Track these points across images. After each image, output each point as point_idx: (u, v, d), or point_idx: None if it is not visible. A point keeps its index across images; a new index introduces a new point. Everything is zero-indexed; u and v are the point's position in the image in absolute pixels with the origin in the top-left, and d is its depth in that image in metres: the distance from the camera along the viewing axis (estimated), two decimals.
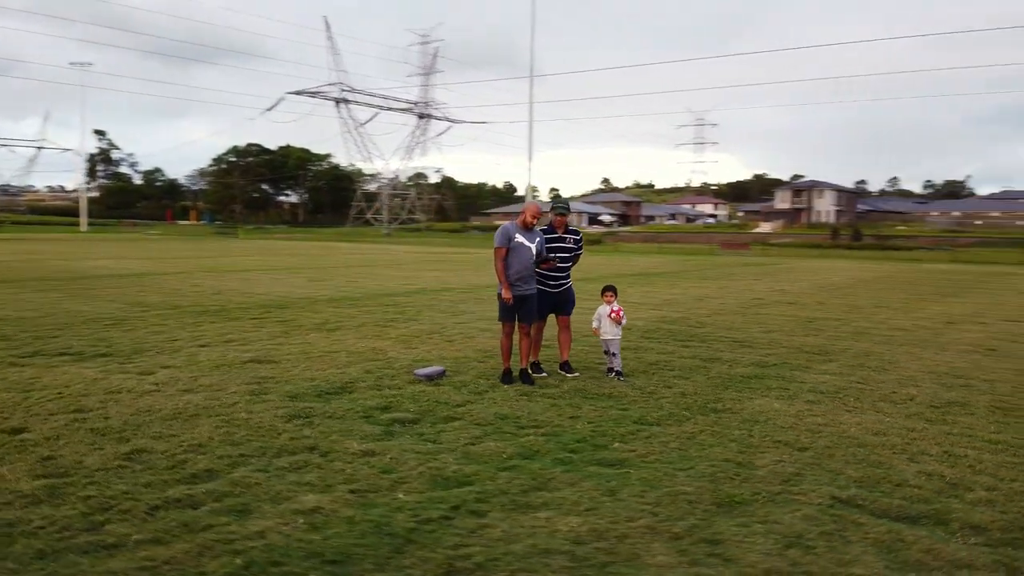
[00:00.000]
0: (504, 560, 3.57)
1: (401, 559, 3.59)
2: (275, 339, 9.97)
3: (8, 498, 4.29)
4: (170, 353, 8.84)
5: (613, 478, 4.72)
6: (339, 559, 3.60)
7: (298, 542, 3.77)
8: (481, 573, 3.46)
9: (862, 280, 23.08)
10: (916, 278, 24.43)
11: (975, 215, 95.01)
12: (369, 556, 3.62)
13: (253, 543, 3.75)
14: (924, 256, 41.36)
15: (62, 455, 5.04)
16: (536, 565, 3.52)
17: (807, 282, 21.96)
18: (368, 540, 3.79)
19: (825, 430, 5.90)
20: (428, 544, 3.75)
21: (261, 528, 3.93)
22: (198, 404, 6.44)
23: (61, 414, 6.07)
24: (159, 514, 4.12)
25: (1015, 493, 4.53)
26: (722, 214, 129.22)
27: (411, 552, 3.66)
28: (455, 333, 10.68)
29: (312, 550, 3.68)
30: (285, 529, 3.93)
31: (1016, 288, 20.85)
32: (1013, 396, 7.21)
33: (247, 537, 3.83)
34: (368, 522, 4.02)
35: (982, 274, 26.97)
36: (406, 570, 3.49)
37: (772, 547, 3.74)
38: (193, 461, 4.98)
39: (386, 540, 3.80)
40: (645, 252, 44.08)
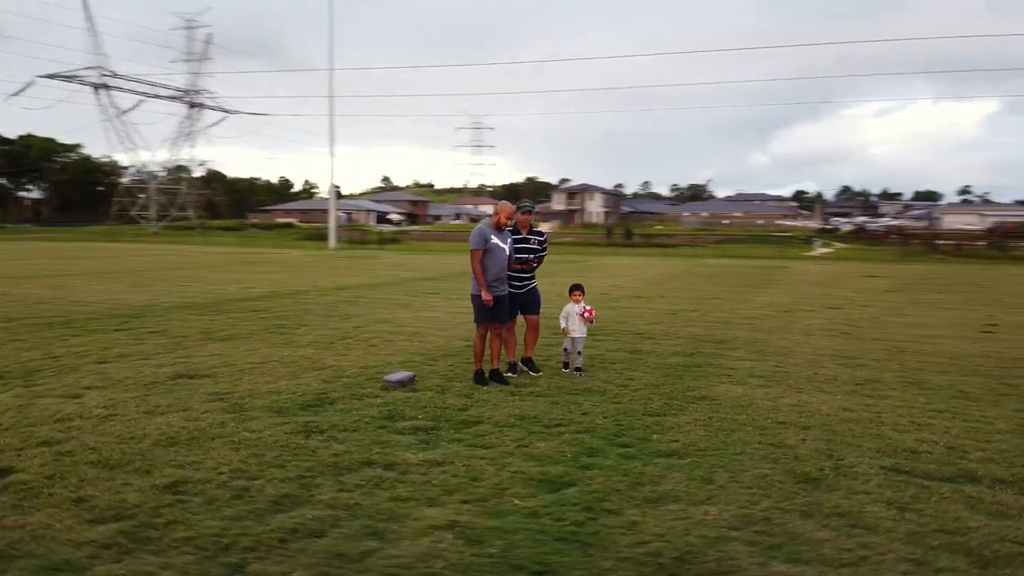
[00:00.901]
0: (696, 550, 3.72)
1: (600, 561, 3.61)
2: (175, 352, 9.04)
3: (87, 551, 3.67)
4: (72, 372, 7.74)
5: (691, 467, 4.99)
6: (542, 569, 3.53)
7: (479, 557, 3.64)
8: (688, 566, 3.58)
9: (671, 275, 25.24)
10: (711, 272, 27.14)
11: (720, 215, 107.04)
12: (566, 562, 3.60)
13: (434, 565, 3.57)
14: (694, 252, 45.87)
15: (93, 495, 4.36)
16: (729, 552, 3.71)
17: (629, 277, 23.62)
18: (553, 547, 3.75)
19: (804, 410, 6.61)
20: (608, 545, 3.79)
21: (421, 549, 3.73)
22: (183, 426, 5.78)
23: (31, 448, 5.18)
24: (292, 546, 3.75)
25: (1002, 452, 5.44)
26: None
27: (601, 554, 3.69)
28: (368, 336, 10.34)
29: (506, 562, 3.58)
30: (442, 546, 3.77)
31: (800, 279, 23.95)
32: (908, 372, 8.47)
33: (420, 559, 3.62)
34: (524, 530, 3.96)
35: (760, 268, 30.59)
36: (616, 572, 3.52)
37: (891, 512, 4.23)
38: (256, 487, 4.53)
39: (567, 545, 3.78)
40: (453, 250, 44.50)
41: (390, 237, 59.23)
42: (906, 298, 17.42)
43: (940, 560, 3.66)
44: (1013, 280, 24.20)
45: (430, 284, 19.65)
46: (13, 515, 4.07)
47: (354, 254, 37.79)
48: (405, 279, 21.29)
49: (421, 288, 18.34)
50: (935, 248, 50.21)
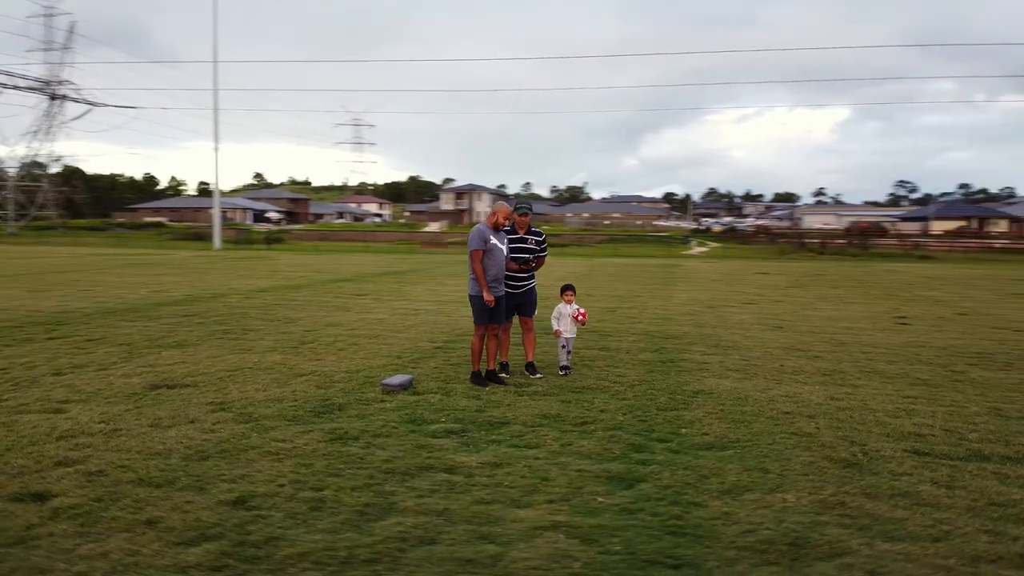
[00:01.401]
0: (801, 536, 3.90)
1: (722, 552, 3.73)
2: (132, 360, 8.48)
3: (199, 574, 3.45)
4: (33, 385, 7.14)
5: (739, 459, 5.19)
6: (678, 562, 3.62)
7: (607, 555, 3.68)
8: (805, 550, 3.76)
9: (581, 274, 25.75)
10: (616, 271, 27.96)
11: (601, 216, 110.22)
12: (694, 554, 3.69)
13: (571, 565, 3.58)
14: (586, 252, 47.02)
15: (161, 516, 4.07)
16: (831, 535, 3.91)
17: (543, 275, 23.90)
18: (670, 540, 3.84)
19: (798, 400, 7.00)
20: (718, 535, 3.91)
21: (546, 551, 3.73)
22: (204, 439, 5.48)
23: (50, 469, 4.76)
24: (412, 555, 3.66)
25: (992, 432, 5.98)
26: (387, 213, 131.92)
27: (717, 544, 3.81)
28: (328, 340, 10.05)
29: (638, 558, 3.64)
30: (561, 546, 3.78)
31: (702, 276, 25.08)
32: (861, 363, 9.11)
33: (553, 559, 3.62)
34: (630, 526, 4.02)
35: (658, 266, 31.80)
36: (742, 561, 3.66)
37: (942, 491, 4.58)
38: (330, 498, 4.38)
39: (681, 538, 3.87)
40: (350, 250, 43.60)
41: (274, 237, 57.24)
42: (810, 294, 18.62)
43: (1009, 529, 4.02)
44: (889, 275, 26.33)
45: (350, 286, 19.21)
46: (84, 543, 3.74)
47: (245, 255, 36.30)
48: (320, 281, 20.70)
49: (344, 290, 17.91)
50: (803, 246, 53.79)
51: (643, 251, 47.68)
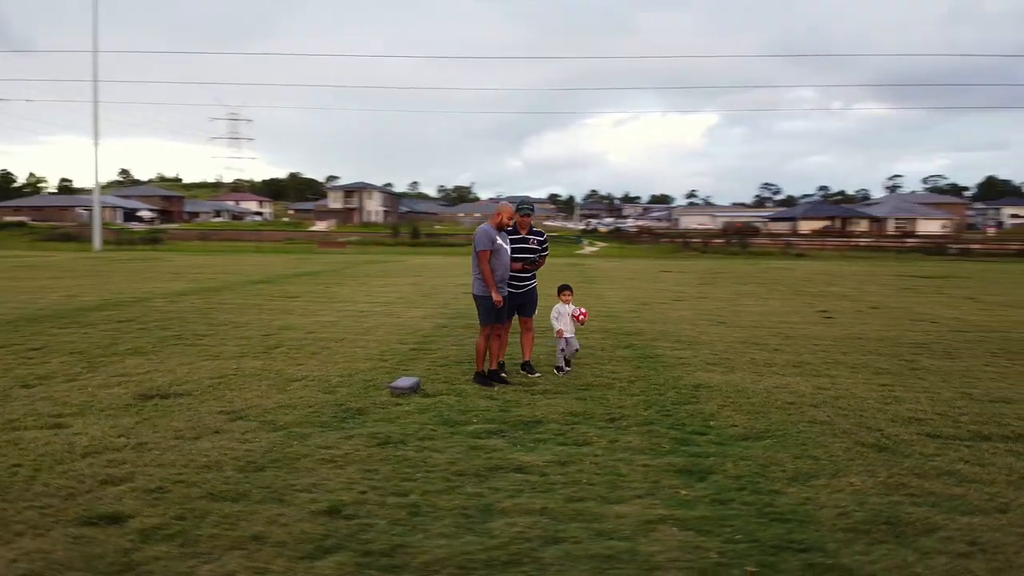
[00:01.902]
0: (890, 514, 4.17)
1: (834, 534, 3.94)
2: (98, 370, 7.94)
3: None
4: (7, 400, 6.54)
5: (781, 448, 5.45)
6: (805, 547, 3.79)
7: (734, 544, 3.81)
8: (903, 527, 4.03)
9: None
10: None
11: None
12: (813, 537, 3.88)
13: (709, 555, 3.70)
14: None
15: (264, 531, 3.89)
16: (915, 513, 4.20)
17: (467, 275, 23.92)
18: (781, 527, 4.01)
19: (791, 391, 7.37)
20: (818, 519, 4.13)
21: (675, 542, 3.83)
22: (247, 449, 5.24)
23: (101, 489, 4.44)
24: (548, 552, 3.67)
25: (979, 414, 6.54)
26: (268, 212, 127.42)
27: (823, 527, 4.02)
28: (296, 344, 9.72)
29: (766, 545, 3.79)
30: (682, 538, 3.88)
31: (616, 275, 25.78)
32: (819, 354, 9.70)
33: (687, 550, 3.72)
34: (734, 516, 4.17)
35: (568, 264, 32.36)
36: (857, 541, 3.88)
37: (976, 469, 5.00)
38: (423, 502, 4.31)
39: (789, 524, 4.06)
40: (241, 251, 41.84)
41: (153, 236, 54.18)
42: (726, 290, 19.54)
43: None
44: (782, 272, 27.96)
45: (270, 288, 18.53)
46: (199, 564, 3.53)
47: (130, 256, 34.23)
48: (236, 283, 19.84)
49: (268, 292, 17.27)
50: (688, 245, 56.24)
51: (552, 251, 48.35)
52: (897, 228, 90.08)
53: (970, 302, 16.77)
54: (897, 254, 49.45)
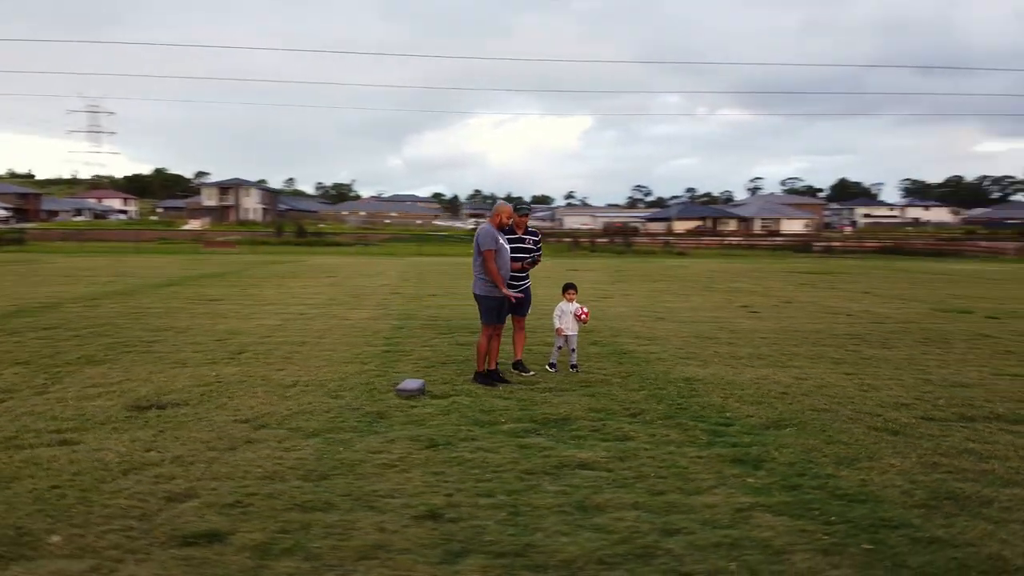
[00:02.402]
0: (948, 489, 4.53)
1: (906, 511, 4.26)
2: (61, 381, 7.39)
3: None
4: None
5: (807, 435, 5.77)
6: (900, 523, 4.07)
7: (832, 525, 4.05)
8: (963, 501, 4.39)
9: (412, 274, 25.66)
10: (452, 269, 28.21)
11: (379, 215, 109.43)
12: (897, 515, 4.16)
13: (818, 539, 3.91)
14: (396, 250, 46.64)
15: (384, 541, 3.79)
16: (965, 488, 4.58)
17: (377, 276, 23.51)
18: (868, 507, 4.28)
19: (774, 381, 7.80)
20: (887, 497, 4.43)
21: (779, 528, 4.01)
22: (298, 457, 5.07)
23: (170, 508, 4.17)
24: (675, 545, 3.78)
25: (953, 398, 7.14)
26: (133, 210, 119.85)
27: (896, 505, 4.32)
28: (260, 351, 9.35)
29: (864, 524, 4.04)
30: (783, 523, 4.08)
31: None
32: (773, 347, 10.27)
33: (797, 533, 3.92)
34: (815, 500, 4.41)
35: None
36: (934, 517, 4.22)
37: (985, 446, 5.50)
38: (520, 502, 4.32)
39: (867, 503, 4.34)
40: (120, 251, 39.14)
41: (15, 236, 49.89)
42: (643, 287, 20.22)
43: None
44: (681, 270, 29.19)
45: (186, 290, 17.59)
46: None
47: (3, 258, 31.42)
48: (142, 286, 18.68)
49: (186, 295, 16.41)
50: (578, 244, 57.65)
51: (447, 250, 48.21)
52: (763, 227, 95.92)
53: (869, 296, 18.15)
54: (770, 252, 52.61)
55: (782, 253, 50.67)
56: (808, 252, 52.34)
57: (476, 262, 7.55)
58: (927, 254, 49.01)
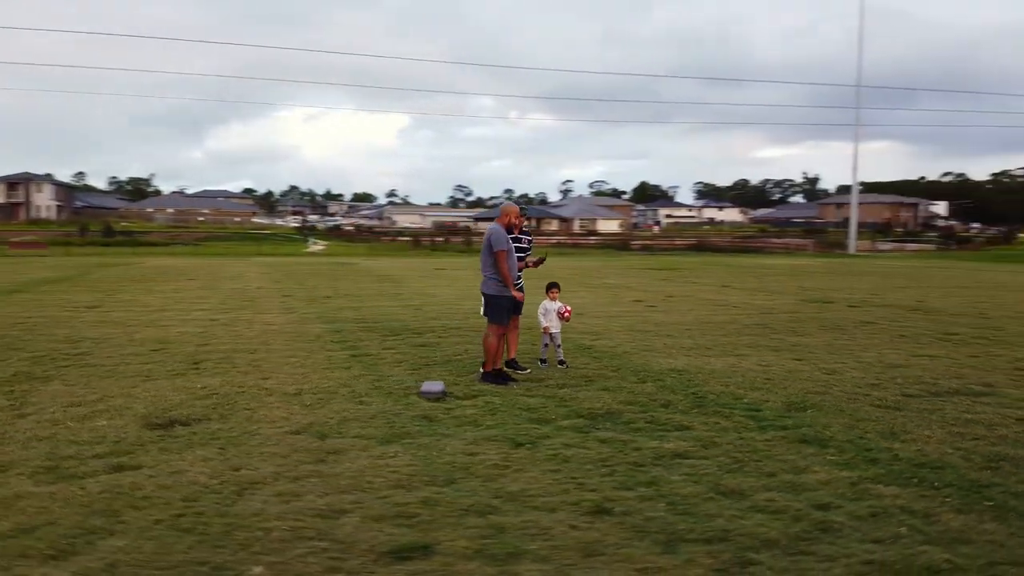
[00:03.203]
0: (1000, 451, 5.22)
1: (973, 472, 4.86)
2: (26, 403, 6.54)
3: None
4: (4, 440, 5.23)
5: (829, 415, 6.35)
6: (990, 484, 4.65)
7: (935, 488, 4.55)
8: (1014, 463, 5.11)
9: (277, 276, 24.47)
10: (308, 270, 27.11)
11: (191, 212, 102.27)
12: (975, 477, 4.75)
13: (941, 506, 4.42)
14: (228, 250, 43.93)
15: (590, 538, 3.84)
16: (1002, 451, 5.32)
17: (257, 276, 22.22)
18: (945, 473, 4.87)
19: (750, 370, 8.41)
20: (949, 464, 5.02)
21: (908, 495, 4.47)
22: (405, 464, 4.90)
23: (340, 519, 3.95)
24: (866, 528, 4.13)
25: (906, 377, 8.08)
26: None
27: (959, 470, 4.92)
28: (226, 357, 8.72)
29: (960, 486, 4.60)
30: (898, 492, 4.53)
31: (408, 274, 25.77)
32: (711, 338, 11.01)
33: (921, 499, 4.40)
34: (894, 473, 4.93)
35: (335, 264, 31.48)
36: (1005, 484, 4.87)
37: (977, 416, 6.34)
38: (668, 494, 4.50)
39: (938, 469, 4.91)
40: None
41: None
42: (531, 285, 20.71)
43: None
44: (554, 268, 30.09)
45: (45, 297, 15.80)
46: (577, 571, 3.43)
47: None
48: None
49: (48, 301, 14.76)
50: (418, 243, 57.62)
51: (283, 250, 46.25)
52: (582, 227, 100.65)
53: (731, 288, 19.79)
54: (599, 250, 55.26)
55: (608, 251, 53.27)
56: (628, 250, 55.29)
57: (487, 262, 7.57)
58: (732, 251, 53.15)
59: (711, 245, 59.73)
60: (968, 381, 7.88)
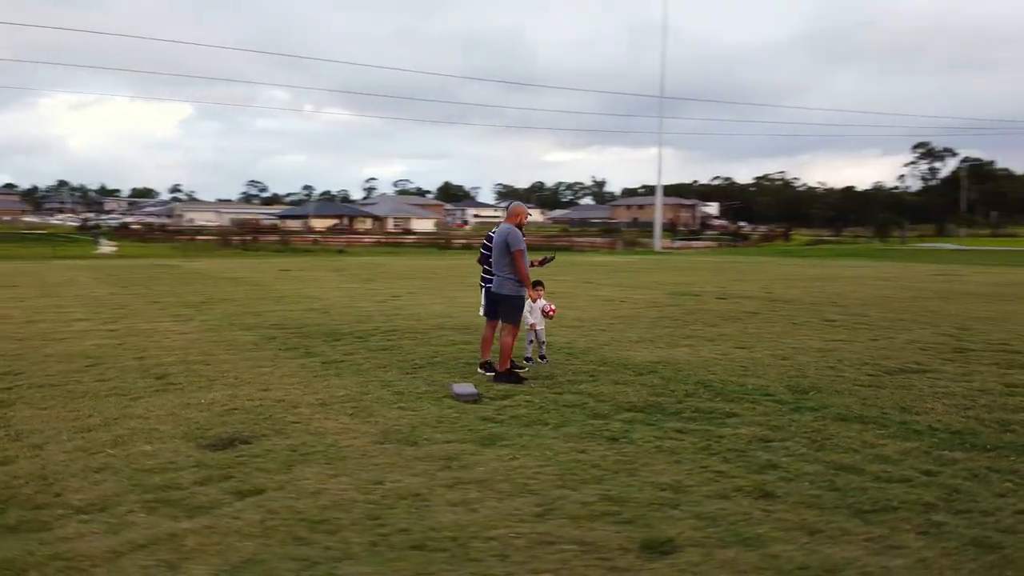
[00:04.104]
0: (1006, 416, 6.14)
1: (1005, 435, 5.70)
2: (59, 430, 5.65)
3: None
4: (67, 476, 4.51)
5: (838, 396, 7.06)
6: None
7: (1003, 445, 5.32)
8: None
9: (121, 280, 22.12)
10: (145, 274, 24.71)
11: None
12: (1011, 439, 5.61)
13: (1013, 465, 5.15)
14: (17, 251, 38.70)
15: (811, 521, 4.10)
16: (1012, 415, 6.26)
17: (90, 279, 19.89)
18: (994, 435, 5.66)
19: (708, 358, 9.09)
20: (997, 437, 5.76)
21: (975, 461, 5.18)
22: (532, 465, 4.88)
23: (544, 520, 3.92)
24: (964, 483, 4.71)
25: (853, 360, 9.14)
26: None
27: (996, 434, 5.75)
28: (191, 371, 7.93)
29: (1015, 447, 5.38)
30: (968, 455, 5.23)
31: (261, 276, 24.26)
32: (664, 329, 11.61)
33: (995, 470, 5.11)
34: (947, 438, 5.65)
35: (156, 267, 28.85)
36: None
37: (967, 386, 7.37)
38: (830, 477, 4.87)
39: (988, 426, 5.72)
40: None
41: None
42: (406, 285, 20.43)
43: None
44: (396, 267, 29.69)
45: None
46: (811, 553, 3.71)
47: None
48: None
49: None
50: (229, 243, 54.40)
51: (72, 251, 41.56)
52: (396, 226, 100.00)
53: (598, 285, 20.83)
54: (421, 248, 54.83)
55: (430, 250, 52.78)
56: (452, 248, 55.36)
57: (502, 261, 7.56)
58: (541, 248, 54.83)
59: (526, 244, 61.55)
60: (899, 361, 9.04)
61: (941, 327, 11.90)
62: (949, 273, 26.63)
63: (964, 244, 59.87)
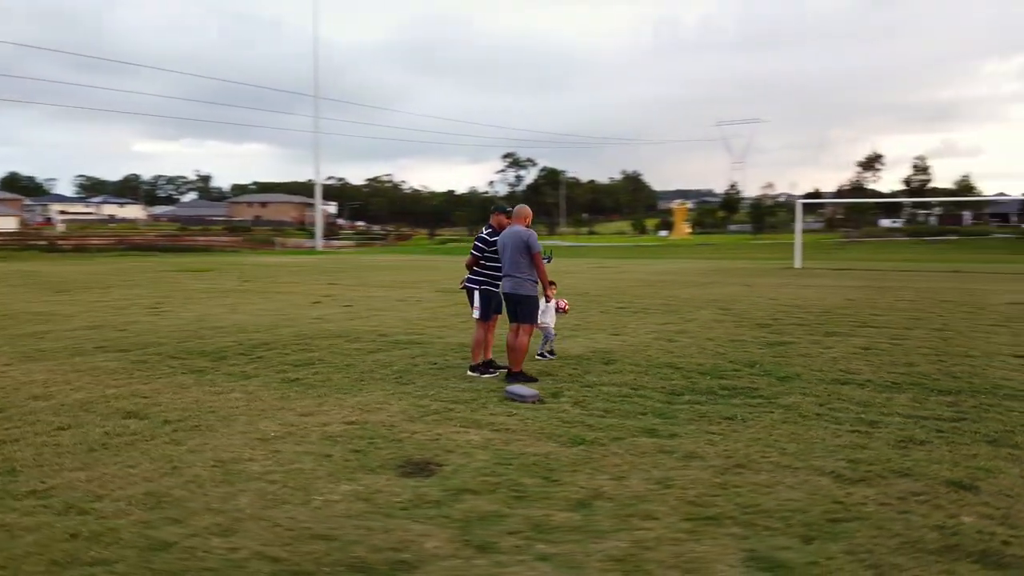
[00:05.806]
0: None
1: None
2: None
3: None
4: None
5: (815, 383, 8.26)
6: None
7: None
8: None
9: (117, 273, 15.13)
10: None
11: None
12: None
13: None
14: None
15: None
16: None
17: None
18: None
19: (670, 340, 10.03)
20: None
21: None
22: (660, 465, 5.28)
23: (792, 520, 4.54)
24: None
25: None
26: None
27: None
28: None
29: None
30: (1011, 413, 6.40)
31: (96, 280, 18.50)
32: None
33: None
34: (996, 414, 6.33)
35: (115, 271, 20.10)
36: None
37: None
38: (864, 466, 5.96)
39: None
40: None
41: None
42: (321, 287, 17.72)
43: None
44: (336, 261, 25.11)
45: None
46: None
47: None
48: None
49: None
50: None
51: None
52: None
53: (367, 286, 20.48)
54: (40, 252, 45.52)
55: (32, 253, 43.54)
56: (59, 251, 45.98)
57: (520, 263, 7.62)
58: (176, 249, 49.92)
59: (145, 244, 54.51)
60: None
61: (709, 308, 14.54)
62: (609, 267, 31.45)
63: (578, 241, 69.29)
